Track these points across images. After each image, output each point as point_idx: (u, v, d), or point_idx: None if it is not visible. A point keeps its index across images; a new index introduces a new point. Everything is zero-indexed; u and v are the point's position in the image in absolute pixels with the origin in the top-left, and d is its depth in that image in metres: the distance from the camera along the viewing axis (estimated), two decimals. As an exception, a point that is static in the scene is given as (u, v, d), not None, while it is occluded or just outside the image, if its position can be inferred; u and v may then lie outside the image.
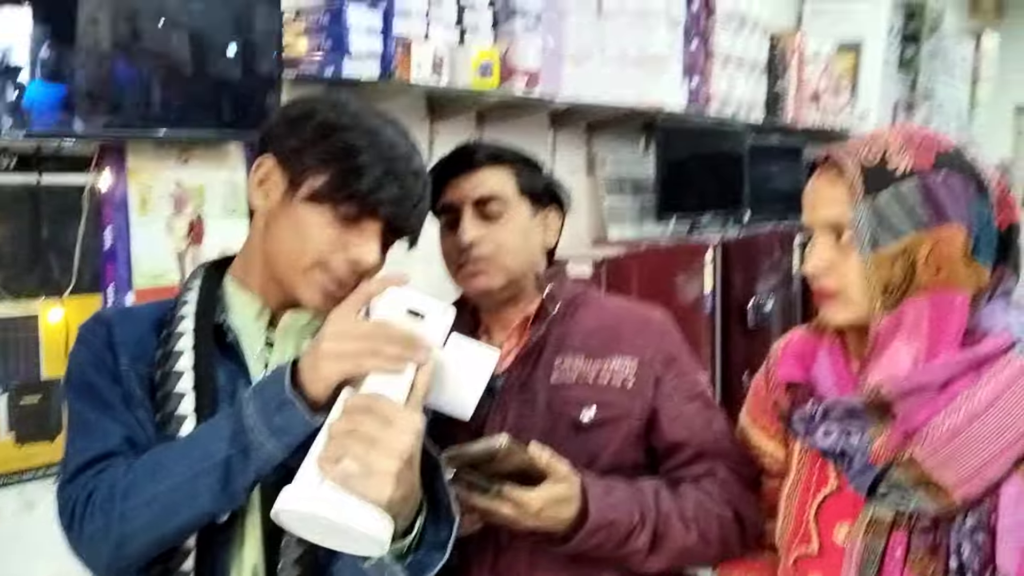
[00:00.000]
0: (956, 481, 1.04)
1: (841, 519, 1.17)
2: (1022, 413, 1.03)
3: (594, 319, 1.40)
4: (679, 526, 1.28)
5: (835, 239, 1.12)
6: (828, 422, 1.13)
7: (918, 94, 5.41)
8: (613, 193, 3.34)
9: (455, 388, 1.03)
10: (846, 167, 1.10)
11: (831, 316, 1.16)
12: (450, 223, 1.39)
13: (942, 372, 1.06)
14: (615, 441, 1.34)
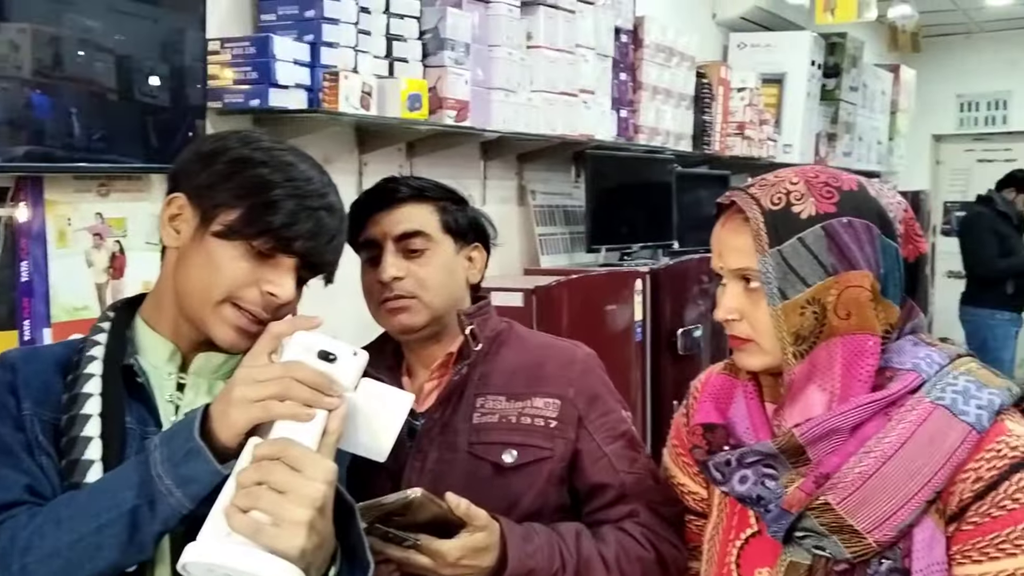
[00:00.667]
0: (869, 525, 1.03)
1: (761, 564, 1.15)
2: (931, 456, 1.03)
3: (517, 358, 1.39)
4: (600, 571, 1.27)
5: (744, 285, 1.12)
6: (743, 468, 1.11)
7: (839, 125, 5.57)
8: (544, 223, 3.36)
9: (369, 432, 1.02)
10: (751, 216, 1.09)
11: (744, 362, 1.15)
12: (372, 259, 1.37)
13: (853, 416, 1.06)
14: (537, 483, 1.32)
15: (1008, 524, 1.02)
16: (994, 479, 1.03)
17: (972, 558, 1.04)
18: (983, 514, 1.03)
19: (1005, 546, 1.02)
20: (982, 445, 1.04)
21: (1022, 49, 7.44)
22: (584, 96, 3.17)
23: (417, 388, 1.40)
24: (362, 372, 1.01)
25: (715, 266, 1.16)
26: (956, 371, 1.08)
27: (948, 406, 1.04)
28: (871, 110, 6.15)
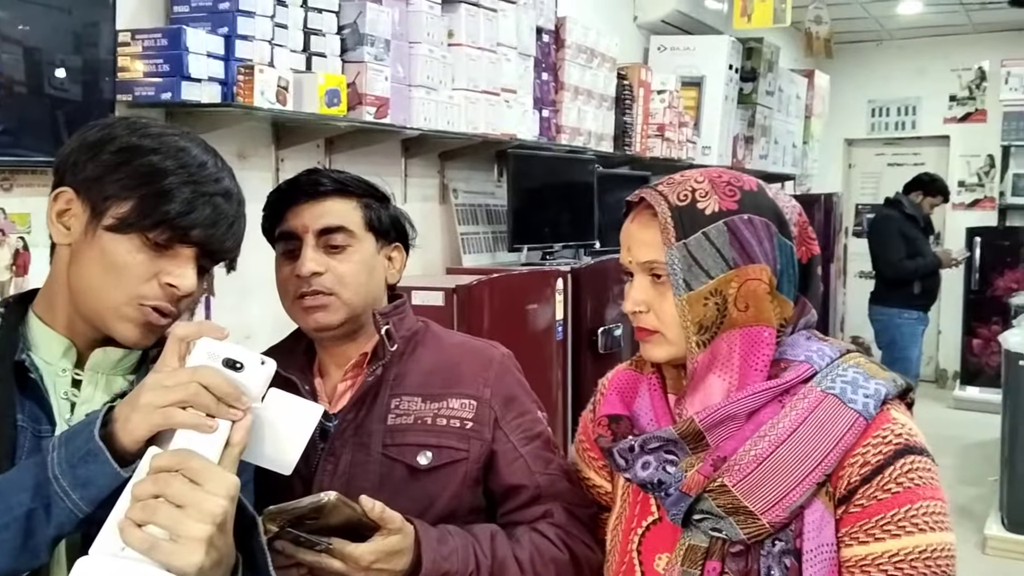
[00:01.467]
0: (763, 506, 1.08)
1: (661, 549, 1.19)
2: (821, 440, 1.08)
3: (433, 358, 1.37)
4: (515, 572, 1.27)
5: (652, 279, 1.16)
6: (645, 454, 1.15)
7: (756, 128, 5.69)
8: (467, 222, 3.35)
9: (275, 444, 0.99)
10: (659, 210, 1.14)
11: (650, 353, 1.18)
12: (290, 252, 1.33)
13: (748, 402, 1.11)
14: (452, 485, 1.31)
15: (893, 506, 1.07)
16: (880, 463, 1.08)
17: (859, 539, 1.09)
18: (870, 497, 1.08)
19: (890, 527, 1.07)
20: (869, 432, 1.09)
21: (931, 57, 7.72)
22: (506, 95, 3.17)
23: (330, 388, 1.38)
24: (269, 382, 0.99)
25: (624, 260, 1.19)
26: (846, 364, 1.14)
27: (838, 395, 1.10)
28: (787, 114, 6.30)
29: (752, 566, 1.10)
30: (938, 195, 5.69)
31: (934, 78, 7.75)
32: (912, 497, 1.08)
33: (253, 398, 0.96)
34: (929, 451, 1.12)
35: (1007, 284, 6.76)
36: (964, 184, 7.70)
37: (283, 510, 1.09)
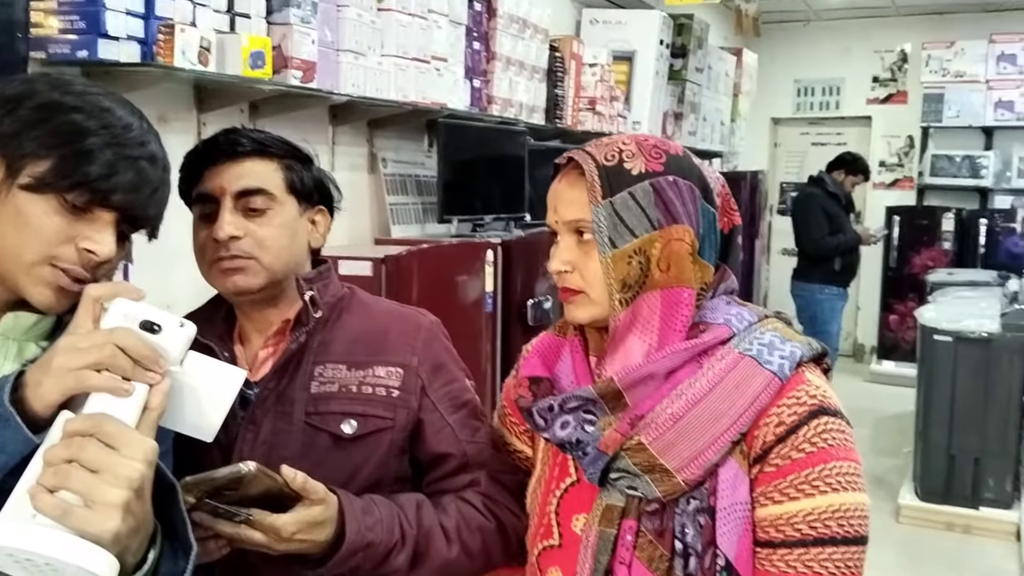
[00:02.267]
0: (679, 464, 1.09)
1: (579, 510, 1.19)
2: (737, 399, 1.10)
3: (359, 325, 1.34)
4: (441, 541, 1.26)
5: (577, 239, 1.16)
6: (564, 414, 1.15)
7: (685, 105, 5.73)
8: (396, 192, 3.30)
9: (196, 409, 0.96)
10: (587, 169, 1.14)
11: (574, 314, 1.19)
12: (207, 215, 1.28)
13: (667, 362, 1.12)
14: (378, 454, 1.28)
15: (807, 466, 1.09)
16: (794, 423, 1.10)
17: (774, 499, 1.10)
18: (784, 456, 1.09)
19: (804, 487, 1.09)
20: (784, 392, 1.11)
21: (855, 38, 7.87)
22: (437, 63, 3.12)
23: (251, 356, 1.34)
24: (189, 345, 0.95)
25: (550, 220, 1.20)
26: (763, 328, 1.16)
27: (754, 356, 1.12)
28: (715, 91, 6.36)
29: (667, 524, 1.11)
30: (860, 174, 5.81)
31: (858, 59, 7.91)
32: (825, 457, 1.09)
33: (171, 361, 0.92)
34: (844, 414, 1.13)
35: (923, 262, 6.97)
36: (884, 164, 7.89)
37: (200, 480, 1.05)
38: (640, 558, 1.12)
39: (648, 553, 1.11)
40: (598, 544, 1.13)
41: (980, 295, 5.02)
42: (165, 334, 0.92)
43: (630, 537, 1.12)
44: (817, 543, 1.08)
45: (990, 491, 4.43)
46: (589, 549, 1.14)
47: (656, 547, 1.11)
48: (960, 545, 4.32)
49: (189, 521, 0.96)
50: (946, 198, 7.41)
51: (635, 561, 1.12)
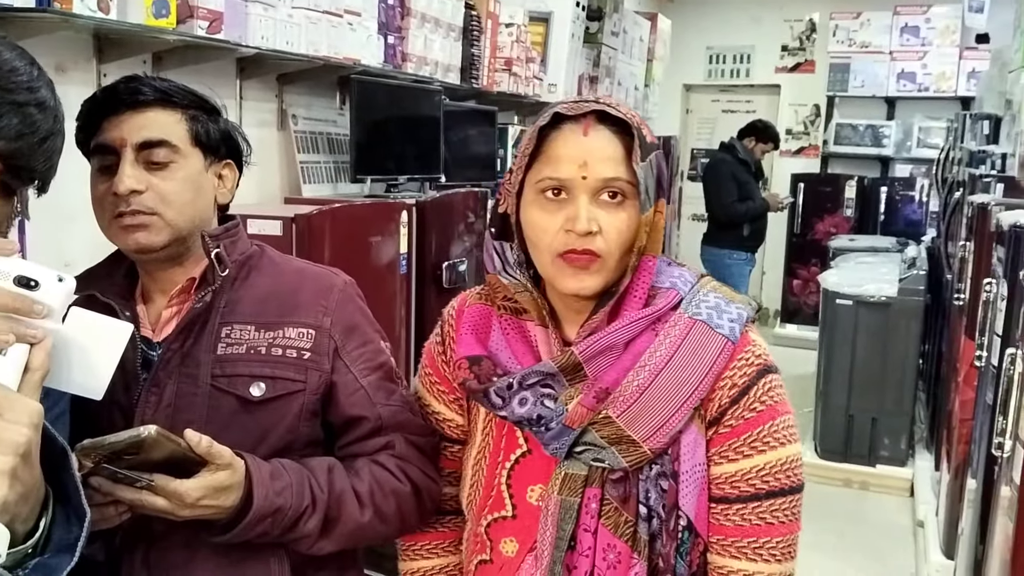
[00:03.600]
0: (646, 434, 1.12)
1: (534, 481, 1.20)
2: (696, 366, 1.12)
3: (269, 284, 1.29)
4: (353, 506, 1.24)
5: (598, 199, 1.11)
6: (522, 391, 1.14)
7: (601, 69, 5.74)
8: (307, 150, 3.22)
9: (83, 368, 0.92)
10: (634, 127, 1.11)
11: (585, 283, 1.13)
12: (106, 167, 1.22)
13: (627, 332, 1.13)
14: (288, 418, 1.25)
15: (757, 424, 1.14)
16: (745, 385, 1.14)
17: (728, 457, 1.15)
18: (737, 417, 1.14)
19: (756, 444, 1.14)
20: (734, 355, 1.14)
21: (766, 7, 7.99)
22: (349, 17, 3.03)
23: (154, 315, 1.28)
24: (70, 300, 0.90)
25: (570, 176, 1.11)
26: (704, 289, 1.19)
27: (705, 320, 1.14)
28: (630, 56, 6.38)
29: (631, 491, 1.14)
30: (769, 142, 5.92)
31: (768, 28, 8.04)
32: (772, 414, 1.15)
33: (52, 318, 0.87)
34: (777, 367, 1.18)
35: (826, 228, 7.18)
36: (791, 132, 8.07)
37: (98, 444, 1.00)
38: (605, 524, 1.14)
39: (614, 519, 1.14)
40: (560, 513, 1.15)
41: (880, 261, 5.20)
42: (43, 290, 0.88)
43: (595, 505, 1.14)
44: (769, 496, 1.14)
45: (886, 449, 4.62)
46: (550, 518, 1.15)
47: (621, 513, 1.14)
48: (857, 501, 4.50)
49: (82, 487, 0.92)
50: (849, 166, 7.63)
51: (600, 528, 1.14)
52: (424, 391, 1.35)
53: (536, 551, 1.18)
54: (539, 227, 1.13)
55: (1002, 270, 2.47)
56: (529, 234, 1.15)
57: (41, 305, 0.87)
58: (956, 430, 3.45)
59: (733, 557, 1.16)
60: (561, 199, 1.12)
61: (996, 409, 2.03)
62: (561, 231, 1.11)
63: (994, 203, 3.02)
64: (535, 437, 1.17)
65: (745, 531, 1.15)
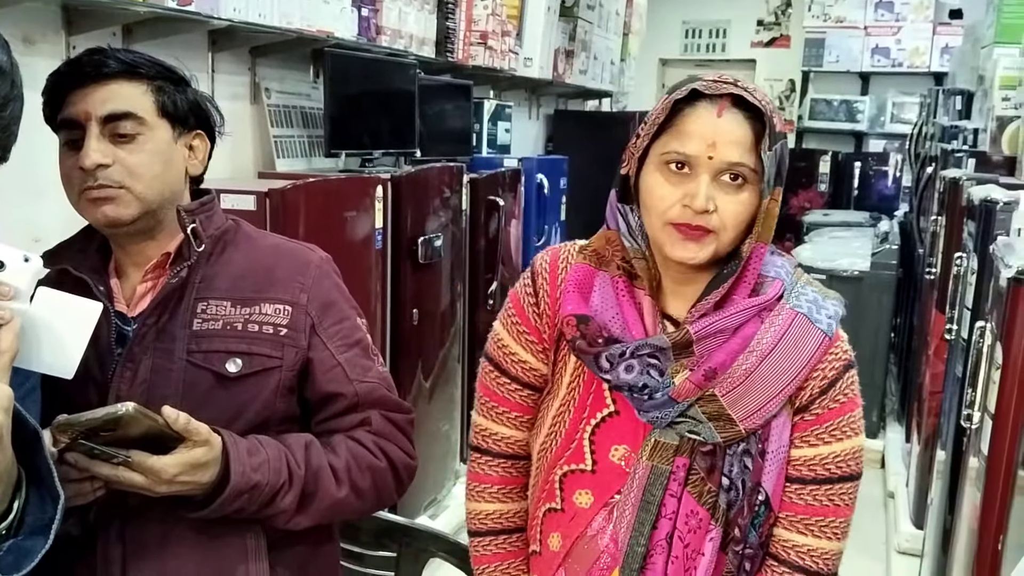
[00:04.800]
0: (744, 415, 1.20)
1: (618, 441, 1.26)
2: (796, 357, 1.19)
3: (245, 260, 1.28)
4: (330, 481, 1.24)
5: (719, 180, 1.15)
6: (631, 359, 1.19)
7: (577, 43, 5.71)
8: (280, 124, 3.19)
9: (52, 347, 0.92)
10: (766, 114, 1.15)
11: (694, 253, 1.17)
12: (73, 141, 1.20)
13: (739, 317, 1.19)
14: (264, 394, 1.24)
15: (838, 415, 1.23)
16: (834, 378, 1.22)
17: (809, 442, 1.24)
18: (823, 407, 1.22)
19: (836, 433, 1.23)
20: (828, 349, 1.21)
21: (741, -19, 7.97)
22: (323, -10, 3.00)
23: (128, 290, 1.27)
24: (37, 280, 0.89)
25: (697, 152, 1.15)
26: (801, 281, 1.25)
27: (806, 314, 1.21)
28: (606, 30, 6.36)
29: (718, 464, 1.22)
30: None
31: (744, 2, 8.04)
32: (851, 407, 1.24)
33: (19, 299, 0.86)
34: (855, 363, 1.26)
35: (801, 203, 7.21)
36: (767, 107, 8.08)
37: (75, 421, 1.00)
38: (691, 492, 1.22)
39: (699, 488, 1.22)
40: (649, 478, 1.22)
41: (853, 235, 5.24)
42: (9, 271, 0.87)
43: (682, 473, 1.22)
44: (840, 480, 1.24)
45: (857, 421, 4.67)
46: (637, 481, 1.23)
47: (706, 483, 1.22)
48: (828, 472, 4.55)
49: (56, 467, 0.91)
50: (823, 141, 7.66)
51: (685, 494, 1.22)
52: (507, 335, 1.33)
53: (613, 508, 1.25)
54: (657, 195, 1.17)
55: (972, 244, 2.49)
56: (646, 199, 1.19)
57: (7, 286, 0.86)
58: (926, 403, 3.50)
59: (800, 533, 1.25)
60: (684, 173, 1.16)
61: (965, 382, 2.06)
62: (678, 204, 1.15)
63: (965, 178, 3.04)
64: (632, 403, 1.22)
65: (815, 510, 1.24)
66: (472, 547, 1.40)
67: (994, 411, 1.79)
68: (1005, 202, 2.24)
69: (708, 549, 1.22)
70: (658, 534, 1.22)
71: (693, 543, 1.22)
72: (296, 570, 1.30)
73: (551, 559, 1.32)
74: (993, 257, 2.03)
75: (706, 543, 1.22)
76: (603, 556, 1.26)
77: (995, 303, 1.93)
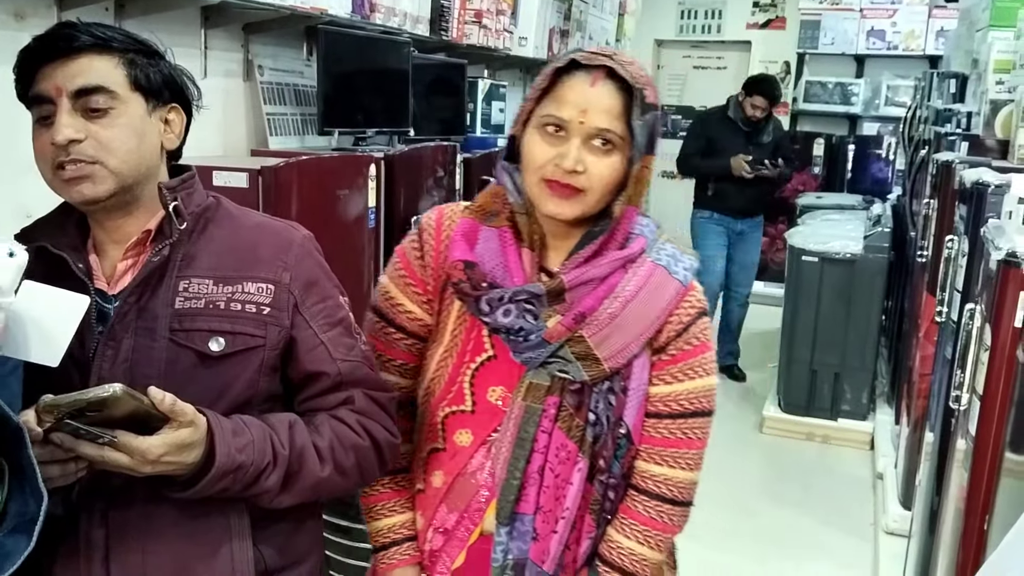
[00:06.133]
0: (608, 355, 1.32)
1: (494, 383, 1.38)
2: (656, 303, 1.33)
3: (227, 238, 1.27)
4: (314, 461, 1.24)
5: (588, 144, 1.27)
6: (509, 304, 1.31)
7: (572, 23, 5.69)
8: (273, 101, 3.18)
9: (38, 339, 0.92)
10: (635, 88, 1.26)
11: (565, 210, 1.29)
12: (45, 117, 1.17)
13: (605, 268, 1.32)
14: (247, 373, 1.24)
15: (693, 355, 1.37)
16: (688, 322, 1.36)
17: (666, 380, 1.37)
18: (678, 348, 1.36)
19: (689, 372, 1.37)
20: (683, 297, 1.36)
21: (737, -38, 7.93)
22: (317, -34, 2.98)
23: (108, 267, 1.26)
24: (21, 274, 0.88)
25: (570, 117, 1.27)
26: (662, 240, 1.39)
27: (665, 266, 1.35)
28: (601, 10, 6.33)
29: (585, 401, 1.35)
30: (755, 95, 5.22)
31: (740, -17, 7.99)
32: (703, 349, 1.38)
33: (3, 293, 0.86)
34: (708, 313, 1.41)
35: (794, 186, 7.20)
36: (761, 89, 8.05)
37: (61, 402, 0.99)
38: (560, 427, 1.34)
39: (568, 424, 1.35)
40: (523, 416, 1.34)
41: (846, 218, 5.25)
42: None
43: (553, 410, 1.34)
44: (693, 415, 1.38)
45: (848, 404, 4.71)
46: (513, 420, 1.35)
47: (574, 419, 1.35)
48: (819, 454, 4.59)
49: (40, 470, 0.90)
50: (817, 124, 7.65)
51: (555, 430, 1.34)
52: (394, 287, 1.43)
53: (491, 445, 1.38)
54: (534, 154, 1.29)
55: (964, 227, 2.50)
56: (525, 157, 1.31)
57: None
58: (916, 385, 3.52)
59: (657, 464, 1.39)
60: (559, 136, 1.28)
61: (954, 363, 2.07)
62: (551, 163, 1.28)
63: (958, 161, 3.05)
64: (510, 345, 1.34)
65: (670, 442, 1.38)
66: (363, 488, 1.49)
67: (982, 392, 1.81)
68: (996, 185, 2.25)
69: (576, 479, 1.35)
70: (531, 467, 1.34)
71: (563, 474, 1.35)
72: (279, 547, 1.30)
73: (434, 496, 1.44)
74: (984, 240, 2.04)
75: (574, 473, 1.35)
76: (481, 490, 1.39)
77: (985, 285, 1.94)
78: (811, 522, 3.82)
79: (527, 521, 1.36)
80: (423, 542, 1.47)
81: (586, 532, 1.39)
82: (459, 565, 1.43)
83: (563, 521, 1.36)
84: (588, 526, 1.39)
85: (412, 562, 1.47)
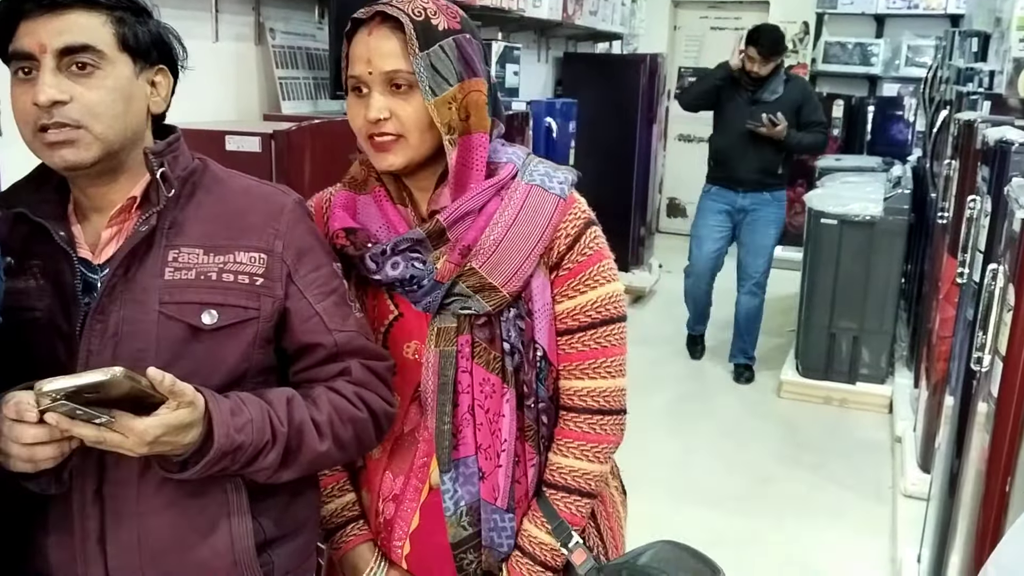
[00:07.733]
0: (503, 280, 1.33)
1: (407, 339, 1.40)
2: (538, 220, 1.34)
3: (215, 204, 1.22)
4: (312, 436, 1.21)
5: (391, 89, 1.28)
6: (394, 255, 1.32)
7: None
8: (285, 65, 3.15)
9: None
10: (405, 23, 1.25)
11: (391, 161, 1.30)
12: (26, 75, 1.12)
13: (480, 198, 1.33)
14: (241, 345, 1.20)
15: (589, 266, 1.37)
16: (576, 234, 1.36)
17: (568, 295, 1.38)
18: (573, 261, 1.37)
19: (588, 282, 1.38)
20: (565, 210, 1.36)
21: (755, -80, 7.79)
22: (327, -73, 2.94)
23: (92, 235, 1.21)
24: None
25: (360, 72, 1.28)
26: (534, 162, 1.40)
27: (539, 184, 1.36)
28: (617, -30, 6.24)
29: (496, 332, 1.36)
30: (749, 45, 4.71)
31: (758, -58, 7.85)
32: (598, 258, 1.38)
33: None
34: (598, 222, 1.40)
35: (813, 148, 7.13)
36: (780, 50, 7.94)
37: (56, 389, 0.98)
38: (479, 363, 1.36)
39: (485, 358, 1.37)
40: (440, 362, 1.36)
41: (865, 180, 5.18)
42: None
43: (468, 349, 1.36)
44: (602, 324, 1.38)
45: (866, 367, 4.68)
46: (431, 368, 1.36)
47: (490, 351, 1.37)
48: (837, 418, 4.57)
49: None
50: (837, 85, 7.55)
51: (475, 367, 1.36)
52: None
53: (420, 398, 1.39)
54: (351, 117, 1.32)
55: (986, 186, 2.46)
56: (351, 124, 1.32)
57: None
58: (936, 347, 3.49)
59: (578, 378, 1.40)
60: (365, 94, 1.29)
61: (976, 325, 2.04)
62: (364, 121, 1.29)
63: (980, 120, 2.99)
64: (407, 297, 1.35)
65: (587, 355, 1.39)
66: None
67: (1005, 353, 1.78)
68: (1020, 143, 2.21)
69: (507, 410, 1.37)
70: (460, 410, 1.37)
71: (492, 408, 1.37)
72: (277, 519, 1.28)
73: (375, 467, 1.46)
74: (1007, 199, 2.00)
75: (503, 405, 1.37)
76: (420, 446, 1.41)
77: (1008, 245, 1.90)
78: (829, 486, 3.81)
79: (471, 463, 1.38)
80: (375, 515, 1.47)
81: (529, 461, 1.41)
82: (415, 527, 1.43)
83: (504, 454, 1.38)
84: (529, 454, 1.40)
85: (366, 538, 1.48)
